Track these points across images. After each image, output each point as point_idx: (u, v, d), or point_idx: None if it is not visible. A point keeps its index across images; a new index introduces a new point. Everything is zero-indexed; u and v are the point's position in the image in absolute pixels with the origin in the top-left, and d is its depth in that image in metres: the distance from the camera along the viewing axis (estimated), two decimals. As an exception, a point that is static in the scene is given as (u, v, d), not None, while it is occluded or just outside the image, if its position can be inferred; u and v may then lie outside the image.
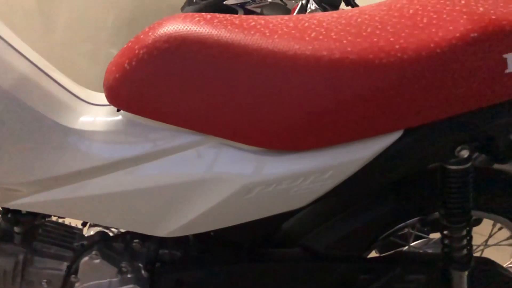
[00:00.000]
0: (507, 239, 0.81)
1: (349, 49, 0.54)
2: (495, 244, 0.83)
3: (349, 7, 1.87)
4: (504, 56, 0.53)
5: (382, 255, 0.75)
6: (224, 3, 2.28)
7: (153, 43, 0.56)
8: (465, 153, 0.59)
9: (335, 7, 1.91)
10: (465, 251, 0.68)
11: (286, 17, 0.63)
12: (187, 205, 0.59)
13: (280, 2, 2.53)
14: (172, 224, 0.60)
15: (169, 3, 2.48)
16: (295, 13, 1.92)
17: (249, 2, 2.36)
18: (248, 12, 2.36)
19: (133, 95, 0.56)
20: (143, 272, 0.67)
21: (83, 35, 2.43)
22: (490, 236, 0.81)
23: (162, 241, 0.69)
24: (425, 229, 0.85)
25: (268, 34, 0.57)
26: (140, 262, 0.67)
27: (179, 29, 0.56)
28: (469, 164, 0.61)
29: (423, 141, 0.57)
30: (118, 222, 0.62)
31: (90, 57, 2.44)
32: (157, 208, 0.59)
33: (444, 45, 0.53)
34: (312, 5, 1.95)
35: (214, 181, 0.57)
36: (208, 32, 0.56)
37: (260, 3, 2.38)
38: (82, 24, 2.41)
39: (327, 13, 0.65)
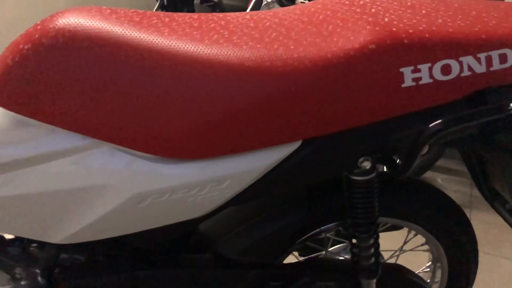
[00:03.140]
0: (422, 244, 0.82)
1: (247, 55, 0.52)
2: (411, 250, 0.84)
3: (307, 1, 1.85)
4: (401, 70, 0.52)
5: (294, 261, 0.75)
6: (181, -9, 2.21)
7: (39, 39, 0.52)
8: (367, 164, 0.59)
9: (291, 0, 1.89)
10: (372, 260, 0.68)
11: (195, 15, 0.60)
12: (77, 212, 0.55)
13: (239, -8, 2.48)
14: (63, 231, 0.57)
15: (124, -13, 2.39)
16: (251, 5, 1.89)
17: (206, -9, 2.30)
18: (205, 1, 2.30)
19: (15, 94, 0.52)
20: (39, 278, 0.63)
21: (32, 17, 2.31)
22: (405, 242, 0.82)
23: (64, 245, 0.66)
24: (346, 233, 0.85)
25: (166, 34, 0.54)
26: (37, 267, 0.64)
27: (70, 24, 0.52)
28: (372, 175, 0.61)
29: (322, 152, 0.55)
30: (5, 227, 0.58)
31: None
32: (45, 214, 0.56)
33: (341, 56, 0.51)
34: (269, -2, 1.92)
35: (104, 188, 0.54)
36: (100, 29, 0.52)
37: (218, -8, 2.32)
38: (32, 5, 2.29)
39: (240, 14, 0.62)
